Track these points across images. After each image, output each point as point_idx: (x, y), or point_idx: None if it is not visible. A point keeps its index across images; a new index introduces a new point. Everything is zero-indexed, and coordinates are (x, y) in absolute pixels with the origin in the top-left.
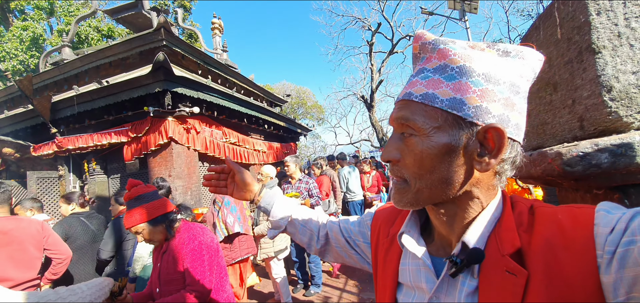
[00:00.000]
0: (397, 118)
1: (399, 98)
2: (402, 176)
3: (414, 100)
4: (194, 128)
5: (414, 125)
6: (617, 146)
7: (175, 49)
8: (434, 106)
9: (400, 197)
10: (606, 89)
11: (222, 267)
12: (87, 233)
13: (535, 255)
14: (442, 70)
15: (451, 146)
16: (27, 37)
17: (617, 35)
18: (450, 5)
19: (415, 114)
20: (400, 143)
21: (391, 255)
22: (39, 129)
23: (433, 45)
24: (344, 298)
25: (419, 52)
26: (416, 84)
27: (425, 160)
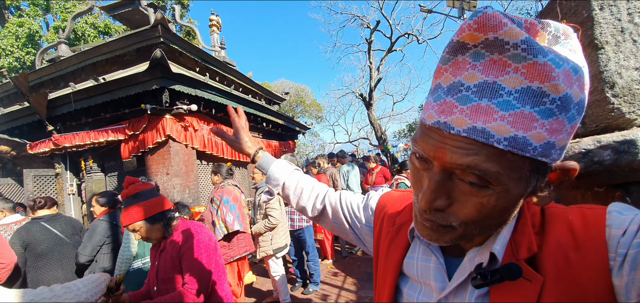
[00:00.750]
0: (462, 165)
1: (456, 130)
2: (445, 224)
3: (494, 145)
4: (191, 126)
5: (492, 178)
6: (619, 143)
7: (172, 46)
8: (523, 156)
9: (439, 236)
10: (609, 86)
11: (220, 265)
12: (50, 237)
13: (547, 258)
14: (536, 99)
15: (525, 192)
16: (23, 33)
17: (621, 30)
18: (449, 4)
19: (496, 165)
20: (453, 185)
21: (396, 245)
22: (36, 126)
23: (521, 52)
24: (343, 296)
25: (477, 45)
26: (493, 116)
27: (494, 212)
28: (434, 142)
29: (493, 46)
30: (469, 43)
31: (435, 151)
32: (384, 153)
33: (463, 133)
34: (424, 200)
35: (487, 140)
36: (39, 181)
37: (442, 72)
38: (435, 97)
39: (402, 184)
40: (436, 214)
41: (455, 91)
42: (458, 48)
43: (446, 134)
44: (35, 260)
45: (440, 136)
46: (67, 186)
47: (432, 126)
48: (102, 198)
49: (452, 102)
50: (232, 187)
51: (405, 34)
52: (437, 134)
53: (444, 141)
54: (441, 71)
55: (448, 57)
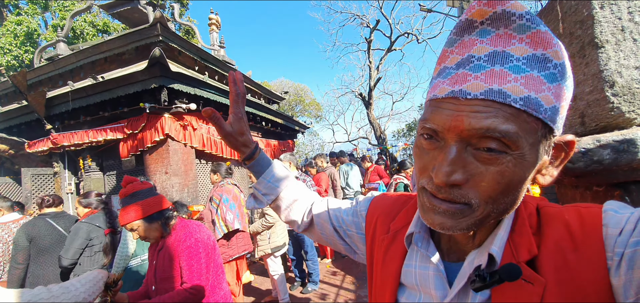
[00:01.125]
0: (482, 128)
1: (473, 94)
2: (464, 201)
3: (512, 105)
4: (190, 125)
5: (511, 141)
6: (619, 142)
7: (171, 44)
8: (537, 117)
9: (456, 222)
10: (609, 85)
11: (218, 265)
12: (53, 234)
13: (547, 260)
14: (542, 64)
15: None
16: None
17: (621, 29)
18: (448, 3)
19: (515, 126)
20: (470, 158)
21: (393, 253)
22: (34, 125)
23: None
24: (342, 295)
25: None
26: (507, 78)
27: (513, 184)
28: (449, 112)
29: (500, 19)
30: (476, 20)
31: (451, 121)
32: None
33: (480, 96)
34: (441, 174)
35: (505, 100)
36: (37, 180)
37: (448, 55)
38: (444, 75)
39: (400, 184)
40: (453, 191)
41: (466, 64)
42: (466, 27)
43: (462, 101)
44: (37, 254)
45: (455, 105)
46: (65, 185)
47: (446, 97)
48: (84, 199)
49: (465, 72)
50: (232, 186)
51: (404, 33)
52: (452, 103)
53: (460, 108)
54: (447, 54)
55: (455, 38)
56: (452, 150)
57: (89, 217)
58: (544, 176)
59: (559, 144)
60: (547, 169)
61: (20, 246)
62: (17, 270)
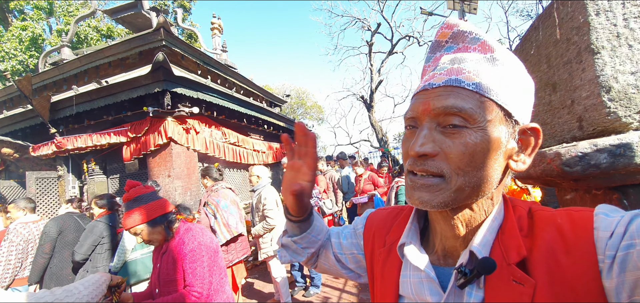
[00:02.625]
0: (444, 106)
1: (437, 84)
2: (437, 172)
3: (466, 87)
4: (193, 128)
5: (467, 115)
6: (616, 147)
7: (174, 49)
8: (489, 98)
9: (432, 196)
10: (605, 90)
11: (221, 268)
12: (79, 230)
13: (538, 262)
14: (490, 62)
15: (500, 143)
16: (26, 37)
17: (616, 35)
18: (449, 6)
19: (469, 104)
20: (439, 136)
21: (390, 266)
22: (38, 129)
23: (475, 36)
24: (344, 298)
25: (447, 40)
26: (462, 71)
27: (477, 155)
28: (421, 99)
29: (457, 37)
30: (442, 40)
31: (422, 105)
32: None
33: (442, 84)
34: (415, 146)
35: (460, 84)
36: (41, 183)
37: (426, 70)
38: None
39: (402, 187)
40: (427, 162)
41: (435, 68)
42: (436, 47)
43: (430, 90)
44: (62, 248)
45: (425, 94)
46: (69, 189)
47: (419, 91)
48: (100, 200)
49: (434, 73)
50: (227, 190)
51: (405, 36)
52: (423, 94)
53: (428, 95)
54: (425, 69)
55: (430, 56)
56: (424, 128)
57: (104, 217)
58: (517, 162)
59: (524, 130)
60: (518, 156)
61: (49, 236)
62: (43, 259)
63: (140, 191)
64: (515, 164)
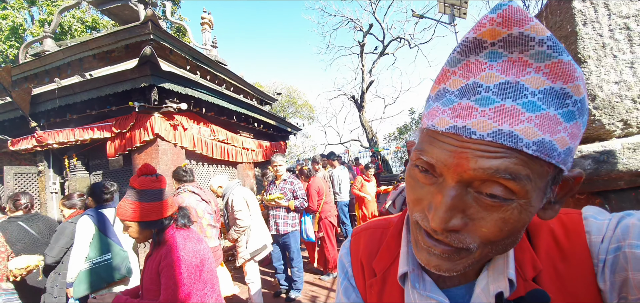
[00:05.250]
0: (489, 173)
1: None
2: (461, 246)
3: (524, 151)
4: (181, 125)
5: (518, 188)
6: (599, 153)
7: (163, 43)
8: (550, 162)
9: (452, 265)
10: (590, 98)
11: (206, 282)
12: (25, 237)
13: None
14: (560, 101)
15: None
16: (6, 26)
17: (602, 46)
18: (440, 9)
19: (525, 171)
20: (470, 202)
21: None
22: (18, 122)
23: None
24: (332, 297)
25: (495, 43)
26: (519, 116)
27: (517, 230)
28: (451, 148)
29: (515, 43)
30: (487, 40)
31: (452, 159)
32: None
33: (487, 138)
34: (438, 220)
35: (516, 145)
36: (20, 178)
37: (449, 76)
38: (445, 102)
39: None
40: (451, 235)
41: (471, 93)
42: (473, 47)
43: (466, 140)
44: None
45: (458, 142)
46: (49, 185)
47: (447, 132)
48: (68, 200)
49: (470, 105)
50: (188, 194)
51: (397, 38)
52: (454, 139)
53: (464, 146)
54: (448, 74)
55: (458, 58)
56: (450, 192)
57: (75, 217)
58: (545, 212)
59: (568, 180)
60: (550, 205)
61: None
62: None
63: (148, 184)
64: (543, 213)
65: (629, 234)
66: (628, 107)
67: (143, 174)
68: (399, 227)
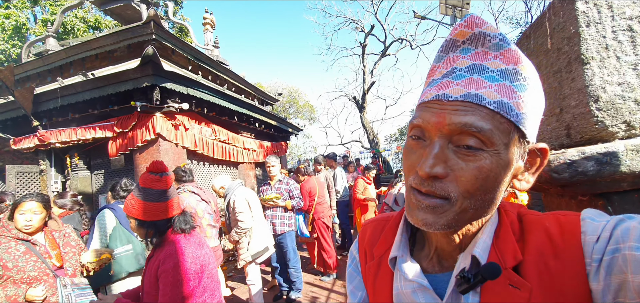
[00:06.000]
0: (461, 124)
1: (454, 96)
2: (444, 194)
3: (487, 106)
4: (182, 125)
5: (486, 137)
6: (602, 155)
7: (165, 43)
8: (509, 119)
9: (436, 217)
10: (593, 99)
11: (206, 289)
12: None
13: (530, 266)
14: (513, 76)
15: (512, 166)
16: (9, 25)
17: (605, 47)
18: (441, 11)
19: (489, 125)
20: (451, 155)
21: (381, 279)
22: (20, 121)
23: (499, 41)
24: (332, 298)
25: (465, 41)
26: (483, 85)
27: (489, 180)
28: (434, 110)
29: (477, 39)
30: (459, 39)
31: (435, 118)
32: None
33: (460, 98)
34: (425, 166)
35: (481, 102)
36: (22, 177)
37: (436, 70)
38: (431, 84)
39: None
40: (435, 183)
41: (450, 74)
42: (450, 45)
43: (445, 102)
44: None
45: (439, 105)
46: (51, 184)
47: (432, 100)
48: (59, 199)
49: (448, 81)
50: (188, 194)
51: (398, 39)
52: (437, 104)
53: (443, 107)
54: (435, 69)
55: (441, 55)
56: (435, 145)
57: (64, 218)
58: (521, 182)
59: (533, 150)
60: (523, 175)
61: None
62: None
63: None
64: (518, 183)
65: (629, 236)
66: (631, 109)
67: (149, 171)
68: (398, 219)
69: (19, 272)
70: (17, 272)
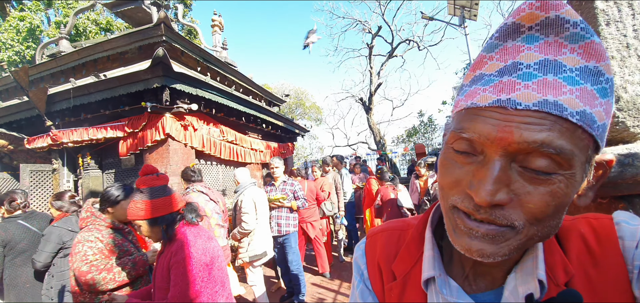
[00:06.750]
0: (536, 143)
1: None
2: (506, 223)
3: (569, 119)
4: (191, 125)
5: (565, 159)
6: (624, 156)
7: (174, 45)
8: (590, 134)
9: (497, 248)
10: (614, 100)
11: (216, 281)
12: (28, 235)
13: (576, 278)
14: (595, 77)
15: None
16: (24, 27)
17: (626, 46)
18: (450, 11)
19: (570, 142)
20: (516, 177)
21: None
22: (34, 121)
23: (580, 31)
24: (339, 299)
25: (533, 27)
26: (562, 90)
27: (562, 205)
28: (495, 122)
29: (551, 25)
30: (524, 24)
31: (497, 132)
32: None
33: (533, 107)
34: (484, 193)
35: (561, 113)
36: (35, 176)
37: (486, 61)
38: (484, 83)
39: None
40: (495, 211)
41: (512, 71)
42: (511, 31)
43: (511, 112)
44: (14, 257)
45: (502, 115)
46: (63, 183)
47: (490, 106)
48: (57, 201)
49: (512, 80)
50: (197, 194)
51: (406, 40)
52: (498, 113)
53: (509, 118)
54: (484, 60)
55: (496, 43)
56: (495, 166)
57: (61, 220)
58: (581, 197)
59: (601, 163)
60: (584, 191)
61: None
62: None
63: (152, 182)
64: (580, 200)
65: None
66: None
67: (145, 175)
68: (420, 229)
69: None
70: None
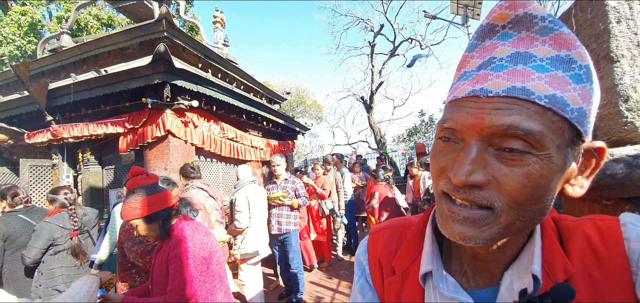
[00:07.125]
0: (505, 125)
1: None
2: (486, 204)
3: (536, 102)
4: (192, 122)
5: (535, 140)
6: (632, 157)
7: (176, 41)
8: (563, 116)
9: (477, 231)
10: (623, 99)
11: (214, 276)
12: (28, 229)
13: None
14: (566, 64)
15: (564, 169)
16: (25, 22)
17: (637, 44)
18: (453, 10)
19: (539, 124)
20: (492, 160)
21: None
22: (34, 116)
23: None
24: (337, 298)
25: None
26: (531, 76)
27: (539, 188)
28: (470, 110)
29: (521, 22)
30: (498, 24)
31: (471, 118)
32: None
33: (502, 93)
34: (460, 173)
35: (528, 97)
36: (35, 171)
37: (468, 60)
38: (465, 78)
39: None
40: (474, 192)
41: (487, 65)
42: (487, 31)
43: (484, 99)
44: (15, 251)
45: (476, 103)
46: (63, 178)
47: (467, 96)
48: (51, 194)
49: (487, 73)
50: (197, 191)
51: (408, 39)
52: (473, 101)
53: (481, 106)
54: (467, 59)
55: (476, 43)
56: (472, 149)
57: (53, 216)
58: (573, 187)
59: (589, 150)
60: (576, 179)
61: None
62: None
63: (143, 181)
64: (571, 189)
65: None
66: None
67: (134, 176)
68: (421, 226)
69: None
70: None
